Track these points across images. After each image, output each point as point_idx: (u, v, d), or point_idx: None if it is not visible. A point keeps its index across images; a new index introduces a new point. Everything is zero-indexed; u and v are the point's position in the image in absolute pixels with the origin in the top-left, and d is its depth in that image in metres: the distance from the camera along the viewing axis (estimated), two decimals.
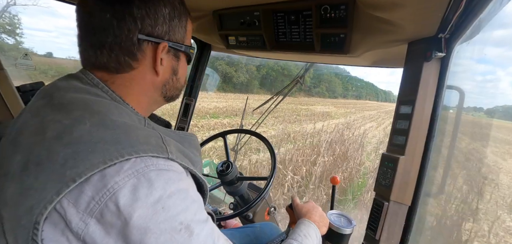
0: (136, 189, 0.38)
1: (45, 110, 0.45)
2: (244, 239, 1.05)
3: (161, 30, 0.51)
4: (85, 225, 0.37)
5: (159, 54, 0.51)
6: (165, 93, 0.58)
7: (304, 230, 0.72)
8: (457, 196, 3.82)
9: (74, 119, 0.41)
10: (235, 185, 1.21)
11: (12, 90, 1.16)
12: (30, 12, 46.79)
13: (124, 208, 0.37)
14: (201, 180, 0.51)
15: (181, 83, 0.61)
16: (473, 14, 0.66)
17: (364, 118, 19.74)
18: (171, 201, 0.40)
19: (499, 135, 10.17)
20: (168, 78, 0.56)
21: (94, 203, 0.37)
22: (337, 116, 17.82)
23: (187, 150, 0.50)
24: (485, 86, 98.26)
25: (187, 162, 0.47)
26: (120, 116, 0.45)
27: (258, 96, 25.22)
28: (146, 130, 0.45)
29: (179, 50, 0.56)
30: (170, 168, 0.43)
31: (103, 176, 0.37)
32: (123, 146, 0.39)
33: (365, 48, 0.96)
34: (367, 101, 59.71)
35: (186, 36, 0.58)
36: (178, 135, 0.53)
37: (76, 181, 0.36)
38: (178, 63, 0.58)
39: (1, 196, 0.40)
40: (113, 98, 0.49)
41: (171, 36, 0.54)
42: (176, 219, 0.40)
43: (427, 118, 0.80)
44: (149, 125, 0.50)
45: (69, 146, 0.38)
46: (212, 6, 1.04)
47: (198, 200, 0.45)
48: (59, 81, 0.50)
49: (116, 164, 0.38)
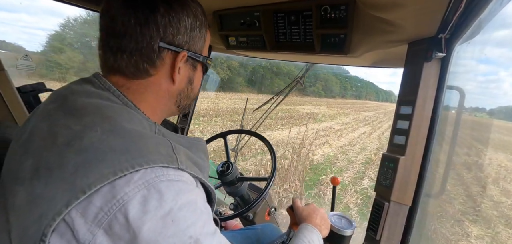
0: (146, 201, 0.37)
1: (57, 114, 0.44)
2: (245, 240, 1.05)
3: (182, 39, 0.52)
4: (92, 236, 0.36)
5: (178, 63, 0.52)
6: (179, 102, 0.58)
7: (308, 236, 0.71)
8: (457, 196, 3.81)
9: (84, 125, 0.41)
10: (235, 185, 1.21)
11: (13, 91, 1.16)
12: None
13: (134, 220, 0.36)
14: (210, 189, 0.50)
15: (194, 93, 0.61)
16: (473, 14, 0.66)
17: (358, 121, 17.45)
18: (181, 213, 0.39)
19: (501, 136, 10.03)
20: (184, 87, 0.57)
21: (103, 213, 0.36)
22: (325, 119, 15.78)
23: (196, 156, 0.50)
24: (488, 86, 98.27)
25: (196, 171, 0.46)
26: (131, 122, 0.45)
27: (241, 95, 23.11)
28: (156, 138, 0.45)
29: (197, 60, 0.57)
30: (180, 179, 0.42)
31: (112, 187, 0.37)
32: (133, 156, 0.39)
33: (365, 49, 0.96)
34: (366, 101, 59.16)
35: (205, 46, 0.59)
36: (187, 141, 0.53)
37: (86, 193, 0.36)
38: (195, 73, 0.58)
39: (10, 201, 0.39)
40: (125, 103, 0.49)
41: (191, 46, 0.54)
42: (186, 233, 0.39)
43: (428, 118, 0.80)
44: (159, 132, 0.50)
45: (79, 153, 0.38)
46: (212, 7, 1.04)
47: (206, 211, 0.45)
48: (74, 84, 0.50)
49: (126, 175, 0.37)
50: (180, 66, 0.53)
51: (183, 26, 0.51)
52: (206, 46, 0.60)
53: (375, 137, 11.38)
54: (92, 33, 17.29)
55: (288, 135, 6.98)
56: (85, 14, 20.08)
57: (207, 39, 0.59)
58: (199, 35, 0.55)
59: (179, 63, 0.52)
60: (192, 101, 0.63)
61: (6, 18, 38.32)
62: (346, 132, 11.48)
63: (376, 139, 10.88)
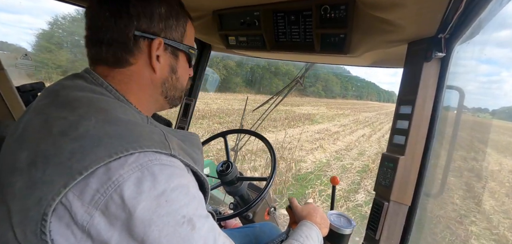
0: (140, 182, 0.39)
1: (49, 108, 0.46)
2: (243, 239, 1.05)
3: (157, 27, 0.53)
4: (90, 217, 0.37)
5: (154, 50, 0.53)
6: (165, 93, 0.59)
7: (306, 232, 0.72)
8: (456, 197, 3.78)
9: (79, 115, 0.42)
10: (235, 185, 1.21)
11: (12, 90, 1.16)
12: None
13: (129, 200, 0.37)
14: (202, 178, 0.51)
15: (181, 83, 0.62)
16: (473, 14, 0.66)
17: (357, 122, 16.35)
18: (174, 194, 0.41)
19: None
20: (167, 76, 0.58)
21: (99, 195, 0.37)
22: (322, 120, 14.86)
23: (189, 149, 0.51)
24: (490, 87, 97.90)
25: (188, 159, 0.48)
26: (124, 114, 0.47)
27: (236, 96, 21.56)
28: (149, 127, 0.47)
29: (177, 49, 0.58)
30: (172, 164, 0.44)
31: (108, 169, 0.38)
32: (128, 141, 0.40)
33: (365, 48, 0.96)
34: (367, 102, 58.45)
35: (186, 36, 0.60)
36: (180, 134, 0.54)
37: (83, 174, 0.37)
38: (177, 62, 0.59)
39: (9, 190, 0.40)
40: (117, 98, 0.51)
41: (168, 34, 0.55)
42: (179, 212, 0.41)
43: (427, 118, 0.80)
44: (152, 123, 0.51)
45: (75, 140, 0.39)
46: (212, 6, 1.04)
47: (198, 197, 0.46)
48: (65, 80, 0.51)
49: (121, 157, 0.39)
50: (159, 54, 0.54)
51: (157, 14, 0.53)
52: (188, 36, 0.61)
53: (375, 140, 10.51)
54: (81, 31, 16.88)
55: (275, 139, 6.48)
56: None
57: (189, 29, 0.61)
58: (176, 23, 0.56)
59: (156, 50, 0.53)
60: (181, 92, 0.64)
61: (8, 19, 37.97)
62: (344, 135, 10.60)
63: (375, 142, 10.00)
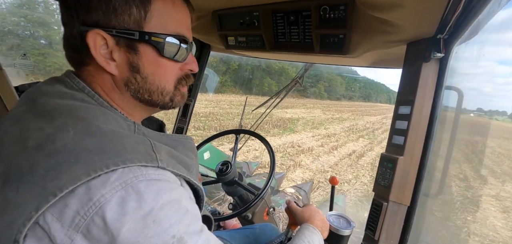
0: (124, 202, 0.35)
1: (27, 117, 0.42)
2: (243, 240, 1.05)
3: (97, 16, 0.43)
4: (70, 241, 0.34)
5: (93, 45, 0.44)
6: (136, 95, 0.49)
7: (309, 237, 0.71)
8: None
9: (56, 127, 0.39)
10: (233, 185, 1.21)
11: (11, 90, 1.16)
12: None
13: (111, 222, 0.34)
14: (197, 187, 0.48)
15: (153, 83, 0.49)
16: (471, 15, 0.66)
17: (353, 130, 12.72)
18: (163, 212, 0.38)
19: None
20: (128, 76, 0.48)
21: (80, 217, 0.34)
22: (302, 128, 11.52)
23: (181, 155, 0.48)
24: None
25: (179, 168, 0.44)
26: (106, 123, 0.42)
27: (222, 97, 18.88)
28: (135, 137, 0.43)
29: (133, 39, 0.45)
30: (161, 178, 0.40)
31: (88, 188, 0.35)
32: (109, 156, 0.37)
33: (364, 49, 0.96)
34: (376, 104, 52.96)
35: (149, 20, 0.46)
36: (171, 139, 0.50)
37: (57, 195, 0.34)
38: (138, 57, 0.47)
39: None
40: (100, 103, 0.46)
41: (112, 22, 0.44)
42: (168, 232, 0.37)
43: (426, 119, 0.80)
44: (139, 131, 0.47)
45: (51, 156, 0.36)
46: (211, 6, 1.04)
47: (191, 210, 0.43)
48: (45, 84, 0.46)
49: (101, 175, 0.35)
50: (112, 50, 0.45)
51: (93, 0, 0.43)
52: (158, 19, 0.47)
53: (372, 159, 6.68)
54: None
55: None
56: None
57: (158, 9, 0.46)
58: (124, 6, 0.43)
59: (97, 46, 0.44)
60: (160, 94, 0.51)
61: None
62: (322, 152, 6.77)
63: (369, 166, 6.13)
